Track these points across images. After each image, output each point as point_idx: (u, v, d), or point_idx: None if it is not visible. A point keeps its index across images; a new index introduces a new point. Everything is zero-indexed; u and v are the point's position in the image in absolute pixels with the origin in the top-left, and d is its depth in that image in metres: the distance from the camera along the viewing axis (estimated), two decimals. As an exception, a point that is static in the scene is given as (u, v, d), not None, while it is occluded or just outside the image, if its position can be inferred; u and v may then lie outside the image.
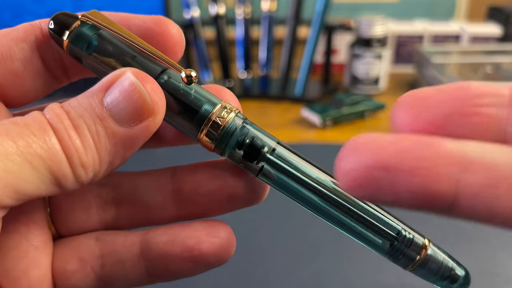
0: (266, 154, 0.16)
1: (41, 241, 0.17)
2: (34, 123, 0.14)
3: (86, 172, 0.14)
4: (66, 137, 0.14)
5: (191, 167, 0.18)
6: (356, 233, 0.16)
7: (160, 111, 0.15)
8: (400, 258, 0.16)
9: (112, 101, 0.14)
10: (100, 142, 0.14)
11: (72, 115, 0.14)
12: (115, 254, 0.17)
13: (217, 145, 0.16)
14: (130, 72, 0.15)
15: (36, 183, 0.13)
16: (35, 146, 0.13)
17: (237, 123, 0.16)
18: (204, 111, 0.16)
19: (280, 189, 0.17)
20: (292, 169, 0.16)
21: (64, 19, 0.16)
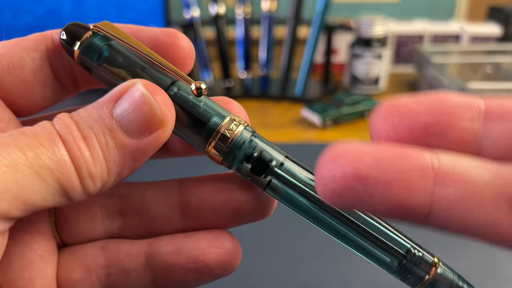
0: (274, 168, 0.16)
1: (46, 250, 0.17)
2: (43, 134, 0.14)
3: (94, 183, 0.14)
4: (75, 148, 0.14)
5: (198, 180, 0.18)
6: (363, 250, 0.16)
7: (170, 123, 0.15)
8: (408, 277, 0.16)
9: (122, 112, 0.14)
10: (109, 153, 0.14)
11: (81, 126, 0.14)
12: (120, 264, 0.17)
13: (225, 158, 0.16)
14: (140, 83, 0.15)
15: (44, 194, 0.13)
16: (44, 157, 0.13)
17: (246, 136, 0.16)
18: (213, 123, 0.16)
19: (288, 204, 0.16)
20: (300, 183, 0.16)
21: (76, 30, 0.16)
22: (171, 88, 0.16)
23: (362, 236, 0.16)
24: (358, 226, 0.16)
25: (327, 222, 0.16)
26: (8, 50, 0.16)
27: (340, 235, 0.16)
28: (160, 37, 0.17)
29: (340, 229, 0.16)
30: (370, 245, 0.16)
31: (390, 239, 0.16)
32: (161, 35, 0.17)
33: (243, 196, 0.17)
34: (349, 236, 0.16)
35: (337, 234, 0.16)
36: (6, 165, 0.13)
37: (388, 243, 0.16)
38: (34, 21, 0.65)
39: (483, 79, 0.66)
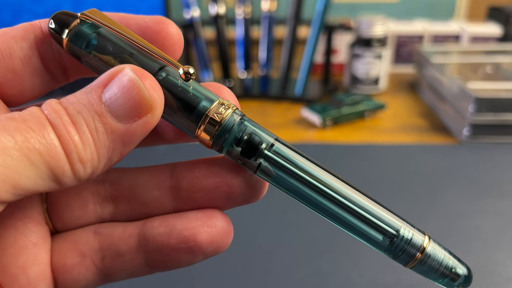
0: (264, 151, 0.16)
1: (39, 237, 0.17)
2: (32, 118, 0.14)
3: (85, 168, 0.14)
4: (64, 133, 0.14)
5: (190, 164, 0.18)
6: (355, 230, 0.16)
7: (159, 107, 0.15)
8: (400, 255, 0.16)
9: (110, 97, 0.14)
10: (99, 138, 0.14)
11: (71, 111, 0.14)
12: (114, 247, 0.17)
13: (215, 142, 0.16)
14: (129, 68, 0.15)
15: (34, 178, 0.13)
16: (33, 141, 0.13)
17: (235, 119, 0.16)
18: (202, 107, 0.16)
19: (279, 186, 0.16)
20: (290, 165, 0.16)
21: (64, 18, 0.17)
22: (159, 73, 0.16)
23: (354, 216, 0.16)
24: (350, 206, 0.16)
25: (318, 203, 0.16)
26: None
27: (332, 215, 0.16)
28: (149, 24, 0.17)
29: (332, 210, 0.16)
30: (361, 225, 0.16)
31: (382, 218, 0.16)
32: (150, 22, 0.17)
33: (235, 179, 0.17)
34: (341, 216, 0.16)
35: (329, 215, 0.16)
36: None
37: (379, 222, 0.16)
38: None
39: (483, 79, 0.66)
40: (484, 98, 0.55)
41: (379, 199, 0.17)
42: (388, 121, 0.64)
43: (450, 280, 0.16)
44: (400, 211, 0.17)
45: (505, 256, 0.38)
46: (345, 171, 0.51)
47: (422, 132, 0.60)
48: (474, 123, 0.56)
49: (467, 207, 0.44)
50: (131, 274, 0.18)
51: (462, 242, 0.39)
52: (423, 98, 0.71)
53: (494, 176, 0.50)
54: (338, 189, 0.16)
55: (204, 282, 0.35)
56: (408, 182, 0.49)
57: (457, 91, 0.59)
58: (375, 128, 0.62)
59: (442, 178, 0.50)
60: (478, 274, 0.35)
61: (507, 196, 0.46)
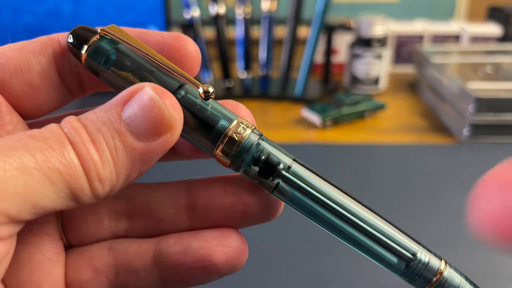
0: (281, 171, 0.16)
1: (54, 252, 0.17)
2: (52, 137, 0.14)
3: (103, 186, 0.14)
4: (84, 151, 0.14)
5: (206, 182, 0.18)
6: (372, 253, 0.16)
7: (178, 126, 0.15)
8: (416, 279, 0.16)
9: (130, 115, 0.14)
10: (118, 156, 0.14)
11: (90, 129, 0.14)
12: (128, 263, 0.17)
13: (233, 161, 0.16)
14: (149, 87, 0.15)
15: (54, 197, 0.13)
16: (53, 160, 0.13)
17: (253, 139, 0.16)
18: (221, 126, 0.16)
19: (295, 207, 0.16)
20: (307, 186, 0.16)
21: (83, 33, 0.17)
22: (178, 92, 0.16)
23: (370, 239, 0.16)
24: (367, 229, 0.16)
25: (335, 225, 0.16)
26: (15, 53, 0.16)
27: (348, 238, 0.16)
28: (168, 41, 0.17)
29: (348, 232, 0.16)
30: (378, 248, 0.16)
31: (398, 241, 0.16)
32: (169, 39, 0.17)
33: (251, 199, 0.17)
34: (357, 239, 0.16)
35: (345, 237, 0.16)
36: (16, 168, 0.12)
37: (395, 245, 0.16)
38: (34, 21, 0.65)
39: (483, 79, 0.66)
40: (484, 98, 0.55)
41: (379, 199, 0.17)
42: (388, 121, 0.64)
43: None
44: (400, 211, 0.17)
45: (506, 256, 0.38)
46: (345, 171, 0.51)
47: (422, 132, 0.60)
48: (474, 123, 0.56)
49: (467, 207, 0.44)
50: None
51: (462, 242, 0.39)
52: (423, 98, 0.71)
53: (494, 176, 0.50)
54: (356, 212, 0.16)
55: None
56: (408, 182, 0.49)
57: (457, 91, 0.59)
58: (375, 128, 0.62)
59: (442, 178, 0.50)
60: (479, 274, 0.35)
61: (507, 196, 0.46)
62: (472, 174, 0.51)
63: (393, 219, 0.17)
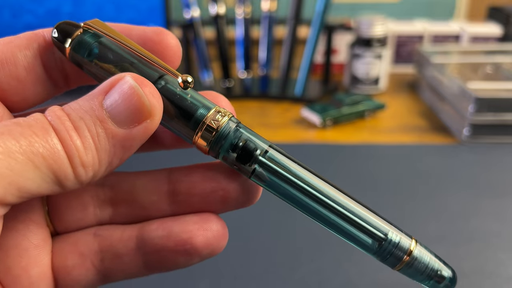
0: (258, 157, 0.17)
1: (40, 238, 0.18)
2: (36, 124, 0.14)
3: (86, 172, 0.15)
4: (67, 138, 0.14)
5: (187, 169, 0.18)
6: (346, 234, 0.17)
7: (158, 113, 0.15)
8: (388, 257, 0.17)
9: (111, 103, 0.15)
10: (100, 143, 0.15)
11: (73, 117, 0.15)
12: (113, 249, 0.18)
13: (212, 148, 0.17)
14: (129, 76, 0.15)
15: (38, 181, 0.14)
16: (37, 145, 0.14)
17: (231, 126, 0.17)
18: (199, 115, 0.16)
19: (272, 191, 0.17)
20: (283, 171, 0.17)
21: (67, 28, 0.17)
22: (158, 82, 0.17)
23: (345, 220, 0.17)
24: (341, 211, 0.17)
25: (310, 207, 0.17)
26: (1, 48, 0.17)
27: (323, 220, 0.17)
28: (149, 35, 0.18)
29: (323, 214, 0.17)
30: (352, 228, 0.17)
31: (371, 222, 0.17)
32: (150, 33, 0.18)
33: (230, 184, 0.18)
34: (332, 221, 0.17)
35: (321, 219, 0.17)
36: (0, 153, 0.13)
37: (368, 226, 0.17)
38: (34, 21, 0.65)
39: (483, 79, 0.66)
40: (484, 98, 0.55)
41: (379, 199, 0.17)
42: (388, 121, 0.64)
43: (435, 282, 0.17)
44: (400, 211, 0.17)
45: (505, 257, 0.38)
46: (345, 171, 0.51)
47: (422, 132, 0.60)
48: (474, 123, 0.56)
49: (467, 207, 0.44)
50: (129, 275, 0.18)
51: (462, 242, 0.39)
52: (423, 98, 0.71)
53: (494, 176, 0.50)
54: (330, 195, 0.17)
55: (203, 281, 0.35)
56: (408, 182, 0.49)
57: (457, 91, 0.59)
58: (375, 128, 0.62)
59: (442, 178, 0.50)
60: (478, 274, 0.35)
61: (507, 196, 0.46)
62: (472, 174, 0.51)
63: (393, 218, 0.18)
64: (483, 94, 0.55)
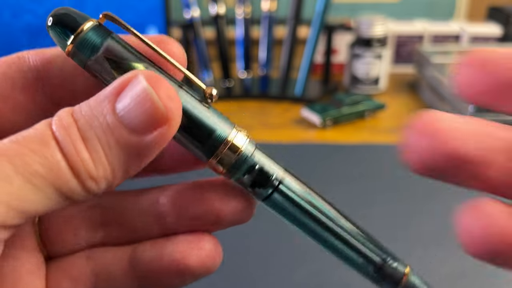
0: (274, 182, 0.17)
1: (34, 264, 0.17)
2: (35, 138, 0.13)
3: (98, 184, 0.14)
4: (71, 150, 0.13)
5: (177, 190, 0.18)
6: (348, 259, 0.18)
7: (175, 118, 0.14)
8: (383, 283, 0.18)
9: (124, 107, 0.14)
10: (112, 152, 0.14)
11: (81, 125, 0.14)
12: (105, 271, 0.18)
13: (228, 170, 0.16)
14: (142, 76, 0.14)
15: (42, 201, 0.13)
16: (35, 165, 0.13)
17: (249, 150, 0.16)
18: (218, 136, 0.15)
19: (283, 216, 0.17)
20: (298, 198, 0.17)
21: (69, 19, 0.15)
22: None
23: (348, 246, 0.17)
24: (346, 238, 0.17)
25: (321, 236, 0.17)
26: None
27: (329, 245, 0.17)
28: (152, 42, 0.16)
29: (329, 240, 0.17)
30: (358, 257, 0.17)
31: (371, 248, 0.17)
32: (153, 41, 0.16)
33: (224, 206, 0.17)
34: (336, 247, 0.17)
35: (329, 246, 0.18)
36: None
37: (371, 254, 0.17)
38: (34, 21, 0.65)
39: (483, 79, 0.65)
40: (484, 98, 0.54)
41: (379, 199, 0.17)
42: (388, 121, 0.64)
43: None
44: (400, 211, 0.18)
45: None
46: (345, 171, 0.51)
47: (422, 132, 0.60)
48: (474, 123, 0.56)
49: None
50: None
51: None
52: (423, 98, 0.71)
53: (494, 176, 0.50)
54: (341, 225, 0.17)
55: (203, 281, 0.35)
56: (408, 182, 0.49)
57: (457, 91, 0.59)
58: (375, 128, 0.62)
59: (442, 178, 0.50)
60: (478, 275, 0.35)
61: None
62: (472, 174, 0.50)
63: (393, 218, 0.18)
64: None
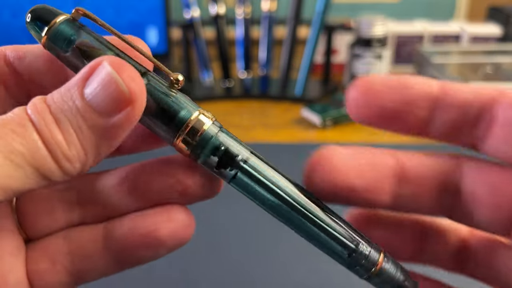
0: (239, 162, 0.17)
1: (14, 246, 0.18)
2: (13, 121, 0.14)
3: (73, 165, 0.15)
4: (47, 133, 0.14)
5: (144, 166, 0.18)
6: (320, 243, 0.17)
7: (139, 99, 0.15)
8: (357, 268, 0.17)
9: (91, 92, 0.15)
10: (83, 134, 0.15)
11: (54, 109, 0.15)
12: (81, 250, 0.18)
13: (193, 151, 0.17)
14: (106, 61, 0.15)
15: (22, 179, 0.14)
16: (15, 143, 0.14)
17: (213, 131, 0.16)
18: (182, 117, 0.16)
19: (250, 197, 0.17)
20: (263, 178, 0.17)
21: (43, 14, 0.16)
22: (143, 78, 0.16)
23: (321, 230, 0.17)
24: (317, 221, 0.17)
25: (287, 216, 0.17)
26: None
27: (299, 228, 0.17)
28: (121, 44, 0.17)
29: (299, 223, 0.17)
30: (327, 238, 0.17)
31: (344, 232, 0.17)
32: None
33: (188, 179, 0.17)
34: (307, 230, 0.17)
35: (296, 227, 0.17)
36: None
37: (341, 237, 0.17)
38: (34, 21, 0.65)
39: (483, 79, 0.66)
40: (484, 98, 0.54)
41: None
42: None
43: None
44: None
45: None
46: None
47: (422, 132, 0.60)
48: (474, 123, 0.56)
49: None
50: (101, 273, 0.18)
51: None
52: (423, 98, 0.71)
53: (494, 176, 0.50)
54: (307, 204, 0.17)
55: (202, 281, 0.35)
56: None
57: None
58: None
59: (442, 178, 0.50)
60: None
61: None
62: (472, 174, 0.50)
63: None
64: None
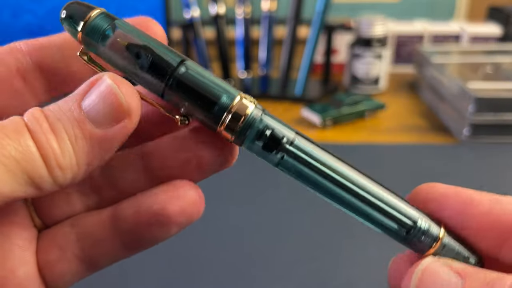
0: (285, 145, 0.16)
1: (25, 239, 0.18)
2: (10, 126, 0.14)
3: (64, 174, 0.15)
4: (43, 139, 0.14)
5: (157, 142, 0.18)
6: (375, 222, 0.17)
7: (135, 113, 0.15)
8: (416, 245, 0.17)
9: (89, 103, 0.15)
10: (78, 144, 0.15)
11: (51, 118, 0.15)
12: (90, 236, 0.18)
13: (237, 137, 0.16)
14: (107, 76, 0.15)
15: (13, 184, 0.14)
16: (9, 148, 0.14)
17: (257, 115, 0.16)
18: (223, 102, 0.16)
19: (299, 179, 0.17)
20: (310, 159, 0.16)
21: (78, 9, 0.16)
22: (179, 68, 0.16)
23: (374, 208, 0.17)
24: (370, 200, 0.16)
25: (339, 195, 0.17)
26: None
27: (352, 208, 0.17)
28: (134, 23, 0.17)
29: (352, 202, 0.17)
30: (382, 216, 0.17)
31: (400, 209, 0.17)
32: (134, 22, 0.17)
33: (203, 151, 0.17)
34: (361, 209, 0.17)
35: (349, 207, 0.17)
36: None
37: (397, 214, 0.17)
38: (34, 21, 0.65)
39: (483, 79, 0.66)
40: (484, 98, 0.55)
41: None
42: (388, 121, 0.64)
43: None
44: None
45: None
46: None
47: (422, 132, 0.60)
48: (474, 123, 0.56)
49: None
50: (112, 258, 0.18)
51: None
52: (423, 98, 0.71)
53: (494, 176, 0.50)
54: (359, 183, 0.16)
55: (202, 281, 0.35)
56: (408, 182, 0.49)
57: (457, 91, 0.59)
58: (375, 128, 0.62)
59: (442, 178, 0.50)
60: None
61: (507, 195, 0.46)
62: (472, 174, 0.51)
63: None
64: (483, 94, 0.55)
